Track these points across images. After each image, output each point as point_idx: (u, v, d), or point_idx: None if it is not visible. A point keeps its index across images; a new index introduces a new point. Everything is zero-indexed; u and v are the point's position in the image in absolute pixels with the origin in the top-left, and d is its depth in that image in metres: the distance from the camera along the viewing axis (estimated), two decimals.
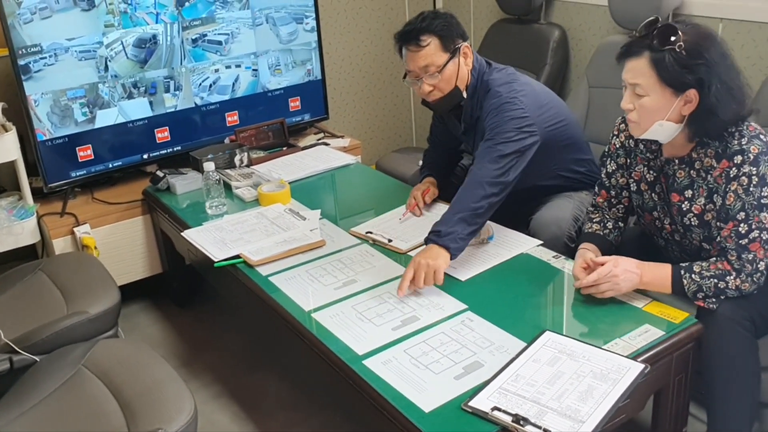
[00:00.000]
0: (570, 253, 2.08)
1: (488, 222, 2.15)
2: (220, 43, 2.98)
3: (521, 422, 1.39)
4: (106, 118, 2.81)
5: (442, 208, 2.36)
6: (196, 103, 2.99)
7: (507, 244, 2.10)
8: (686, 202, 1.81)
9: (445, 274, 1.94)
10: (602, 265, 1.77)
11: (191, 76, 2.95)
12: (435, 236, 1.94)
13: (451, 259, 1.92)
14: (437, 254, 1.91)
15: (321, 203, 2.50)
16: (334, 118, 3.66)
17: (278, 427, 2.27)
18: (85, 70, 2.72)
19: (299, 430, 2.25)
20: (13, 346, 1.89)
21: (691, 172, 1.79)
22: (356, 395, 1.62)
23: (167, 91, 2.91)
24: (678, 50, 1.64)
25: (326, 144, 3.14)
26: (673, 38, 1.64)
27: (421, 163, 2.61)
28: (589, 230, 2.01)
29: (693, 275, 1.73)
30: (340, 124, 3.78)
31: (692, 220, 1.81)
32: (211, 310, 2.97)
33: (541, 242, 2.10)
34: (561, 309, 1.82)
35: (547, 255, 2.04)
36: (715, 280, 1.71)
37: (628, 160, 1.96)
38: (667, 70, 1.65)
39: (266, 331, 2.16)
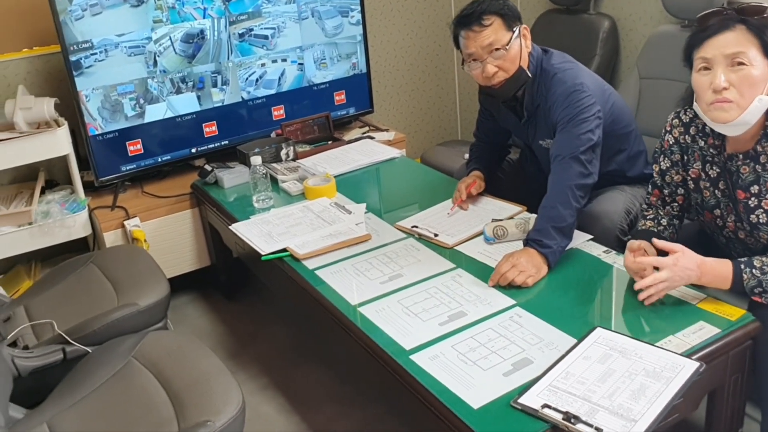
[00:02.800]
0: (622, 247, 2.04)
1: (534, 216, 2.12)
2: (266, 37, 2.99)
3: (572, 420, 1.36)
4: (155, 112, 2.85)
5: (488, 203, 2.34)
6: (242, 98, 3.01)
7: None
8: (753, 198, 1.74)
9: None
10: (664, 253, 1.72)
11: (238, 71, 2.97)
12: (538, 245, 1.92)
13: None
14: (540, 264, 1.90)
15: (366, 197, 2.49)
16: (379, 111, 3.65)
17: (324, 420, 2.28)
18: (134, 66, 2.76)
19: (345, 423, 2.26)
20: (66, 337, 1.93)
21: (756, 167, 1.72)
22: (403, 390, 1.61)
23: (215, 85, 2.94)
24: None
25: (371, 137, 3.14)
26: (764, 11, 1.59)
27: (467, 156, 2.58)
28: (642, 227, 1.96)
29: (754, 270, 1.66)
30: (385, 118, 3.77)
31: (761, 217, 1.74)
32: (259, 302, 2.99)
33: (591, 237, 2.06)
34: (612, 305, 1.78)
35: (597, 250, 1.99)
36: None
37: (685, 157, 1.88)
38: None
39: (313, 324, 2.17)
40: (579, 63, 2.23)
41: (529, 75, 2.16)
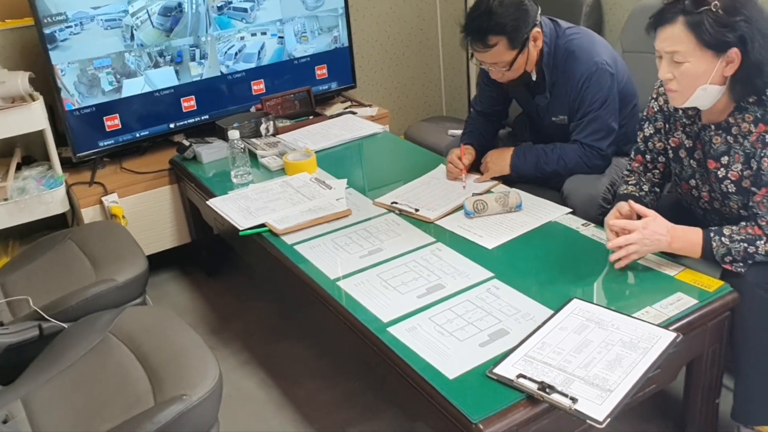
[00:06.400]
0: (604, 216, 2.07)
1: (516, 190, 2.11)
2: (245, 10, 2.95)
3: (547, 390, 1.36)
4: (132, 87, 2.80)
5: (467, 177, 2.32)
6: (221, 72, 2.97)
7: (535, 212, 2.06)
8: (722, 169, 1.75)
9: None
10: (639, 217, 1.75)
11: (217, 45, 2.92)
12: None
13: None
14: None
15: (348, 173, 2.47)
16: (362, 86, 3.62)
17: (304, 394, 2.28)
18: (111, 39, 2.71)
19: (325, 397, 2.25)
20: (42, 313, 1.91)
21: (728, 137, 1.73)
22: (380, 362, 1.60)
23: (193, 59, 2.89)
24: (714, 10, 1.58)
25: (353, 113, 3.11)
26: (700, 5, 1.59)
27: (451, 132, 2.56)
28: (625, 191, 1.97)
29: (723, 238, 1.68)
30: (368, 93, 3.74)
31: (729, 187, 1.75)
32: (240, 278, 2.98)
33: (570, 210, 2.06)
34: (590, 277, 1.78)
35: (576, 223, 1.99)
36: (745, 245, 1.65)
37: (667, 125, 1.90)
38: (707, 32, 1.59)
39: (293, 299, 2.16)
40: (590, 31, 2.27)
41: (533, 78, 2.22)
